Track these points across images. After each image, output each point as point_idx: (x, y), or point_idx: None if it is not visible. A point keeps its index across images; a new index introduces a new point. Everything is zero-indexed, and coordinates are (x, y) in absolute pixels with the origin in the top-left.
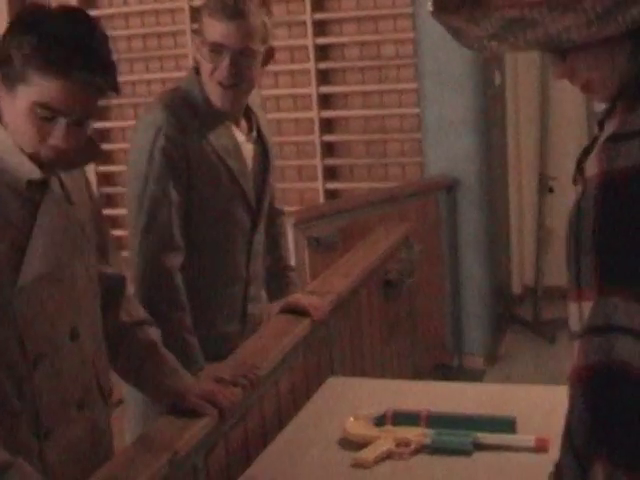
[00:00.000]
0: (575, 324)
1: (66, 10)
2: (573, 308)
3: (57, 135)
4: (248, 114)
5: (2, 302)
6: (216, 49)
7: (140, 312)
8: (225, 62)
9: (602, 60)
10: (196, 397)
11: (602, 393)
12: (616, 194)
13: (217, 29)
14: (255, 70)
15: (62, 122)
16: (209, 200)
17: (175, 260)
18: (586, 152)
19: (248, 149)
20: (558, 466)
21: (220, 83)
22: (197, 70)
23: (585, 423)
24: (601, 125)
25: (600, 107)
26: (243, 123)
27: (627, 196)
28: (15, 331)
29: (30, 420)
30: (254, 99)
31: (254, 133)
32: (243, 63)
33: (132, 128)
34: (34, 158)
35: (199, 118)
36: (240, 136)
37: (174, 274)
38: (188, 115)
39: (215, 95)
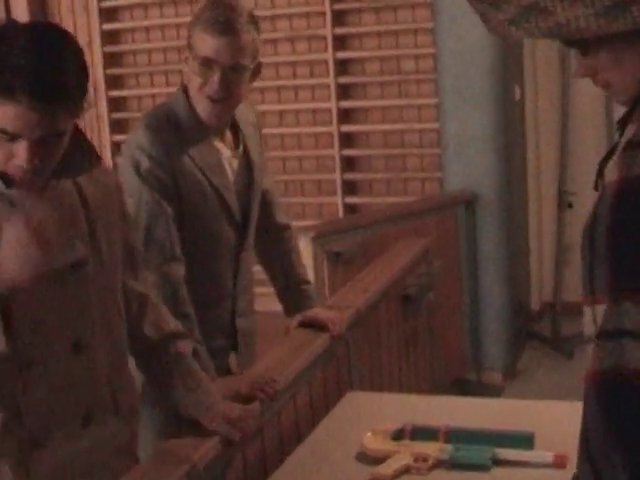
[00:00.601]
0: (589, 328)
1: (27, 29)
2: (587, 312)
3: (20, 155)
4: (235, 129)
5: None
6: (207, 64)
7: (172, 325)
8: (215, 77)
9: (624, 59)
10: (221, 420)
11: (615, 398)
12: (631, 201)
13: (208, 44)
14: (244, 85)
15: (23, 144)
16: (197, 217)
17: (178, 271)
18: (607, 157)
19: (233, 164)
20: (576, 475)
21: (209, 97)
22: (185, 88)
23: (599, 428)
24: (622, 129)
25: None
26: (229, 138)
27: None
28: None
29: (17, 431)
30: (245, 115)
31: (240, 149)
32: (233, 78)
33: None
34: (4, 176)
35: (182, 135)
36: (225, 151)
37: (179, 285)
38: (171, 134)
39: (202, 109)
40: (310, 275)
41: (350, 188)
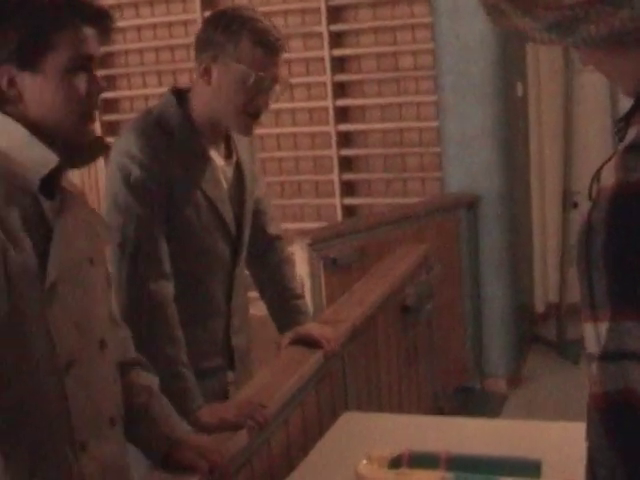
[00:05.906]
0: (593, 346)
1: None
2: (589, 328)
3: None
4: (227, 137)
5: (32, 310)
6: (261, 81)
7: (132, 352)
8: (267, 94)
9: (605, 61)
10: (190, 451)
11: (621, 422)
12: (628, 207)
13: (264, 61)
14: None
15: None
16: (190, 231)
17: (167, 289)
18: (606, 163)
19: (227, 174)
20: None
21: (253, 114)
22: (175, 92)
23: (606, 452)
24: (622, 131)
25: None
26: (221, 146)
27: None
28: (46, 336)
29: (65, 432)
30: None
31: (234, 158)
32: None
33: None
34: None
35: (175, 144)
36: (219, 160)
37: (168, 305)
38: (163, 141)
39: (242, 125)
40: (306, 282)
41: (348, 189)
